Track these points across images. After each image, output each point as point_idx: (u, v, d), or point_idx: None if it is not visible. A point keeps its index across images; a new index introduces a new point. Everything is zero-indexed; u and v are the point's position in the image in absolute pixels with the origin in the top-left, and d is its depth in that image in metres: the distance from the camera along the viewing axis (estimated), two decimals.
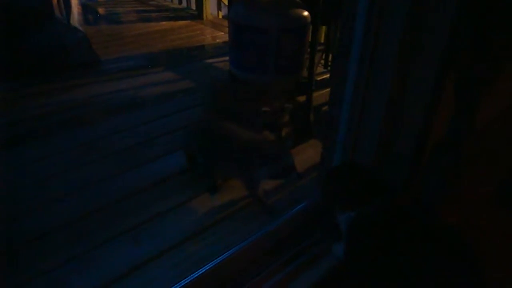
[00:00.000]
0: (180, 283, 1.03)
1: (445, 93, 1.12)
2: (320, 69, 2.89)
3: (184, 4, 4.85)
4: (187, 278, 1.04)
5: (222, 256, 1.13)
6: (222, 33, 3.87)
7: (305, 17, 1.84)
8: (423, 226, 1.02)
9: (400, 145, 1.22)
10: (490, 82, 1.12)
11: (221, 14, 4.56)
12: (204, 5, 4.24)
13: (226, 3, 3.89)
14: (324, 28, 2.95)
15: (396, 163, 1.26)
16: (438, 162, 1.24)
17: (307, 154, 1.94)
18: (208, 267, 1.09)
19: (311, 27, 1.90)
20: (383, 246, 0.97)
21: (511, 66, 1.15)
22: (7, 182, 1.72)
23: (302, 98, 2.26)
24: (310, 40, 1.96)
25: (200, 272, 1.07)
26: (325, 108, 2.36)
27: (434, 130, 1.18)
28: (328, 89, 2.53)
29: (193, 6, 4.58)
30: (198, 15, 4.37)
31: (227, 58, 2.57)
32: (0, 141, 2.02)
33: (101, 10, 4.54)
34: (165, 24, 4.12)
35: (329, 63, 2.88)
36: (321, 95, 2.48)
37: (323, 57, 2.85)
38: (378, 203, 1.02)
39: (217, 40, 3.71)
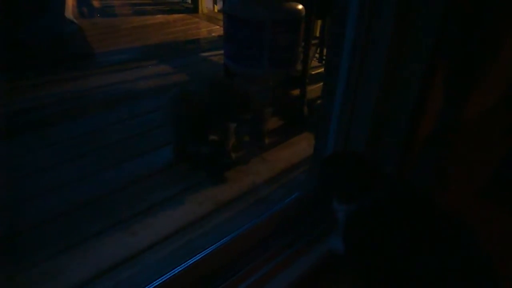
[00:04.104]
0: (174, 270, 1.04)
1: (435, 86, 1.14)
2: (314, 63, 2.90)
3: None
4: (181, 266, 1.06)
5: (216, 244, 1.15)
6: (218, 26, 3.86)
7: (299, 10, 1.86)
8: (424, 216, 1.02)
9: (391, 136, 1.24)
10: (478, 75, 1.15)
11: (216, 8, 4.55)
12: None
13: None
14: (319, 22, 2.96)
15: (387, 154, 1.28)
16: (428, 154, 1.26)
17: (300, 147, 1.96)
18: (202, 255, 1.10)
19: (305, 20, 1.91)
20: (386, 240, 0.98)
21: (501, 58, 1.17)
22: (3, 172, 1.73)
23: (296, 92, 2.27)
24: (304, 33, 1.97)
25: (194, 260, 1.09)
26: (319, 101, 2.38)
27: (425, 122, 1.20)
28: (322, 83, 2.56)
29: (189, 0, 4.57)
30: (193, 8, 4.36)
31: (222, 52, 2.57)
32: None
33: (96, 3, 4.51)
34: (160, 18, 4.12)
35: (324, 57, 2.89)
36: (315, 89, 2.50)
37: (318, 51, 2.87)
38: (377, 194, 1.02)
39: (213, 34, 3.70)
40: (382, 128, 1.25)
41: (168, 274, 1.03)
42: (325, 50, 2.86)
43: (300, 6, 1.86)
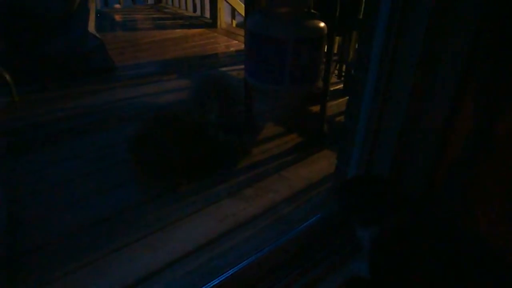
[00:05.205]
0: None
1: (465, 104, 1.11)
2: (333, 79, 2.89)
3: (198, 12, 4.90)
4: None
5: (235, 268, 1.14)
6: (236, 41, 3.90)
7: (321, 28, 1.85)
8: (450, 240, 1.00)
9: (417, 158, 1.22)
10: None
11: (234, 23, 4.60)
12: (218, 14, 4.29)
13: (241, 12, 3.93)
14: (338, 38, 2.96)
15: (413, 177, 1.25)
16: (456, 176, 1.23)
17: (320, 164, 1.94)
18: (222, 279, 1.09)
19: (327, 38, 1.91)
20: (412, 262, 0.95)
21: None
22: (19, 186, 1.74)
23: (316, 108, 2.26)
24: (325, 51, 1.97)
25: (214, 283, 1.07)
26: (338, 118, 2.36)
27: (453, 145, 1.17)
28: (341, 100, 2.55)
29: (207, 15, 4.63)
30: (212, 23, 4.41)
31: (240, 66, 2.59)
32: (14, 145, 2.04)
33: (117, 17, 4.60)
34: (179, 32, 4.17)
35: (343, 74, 2.88)
36: (334, 105, 2.49)
37: (337, 67, 2.86)
38: (401, 217, 1.00)
39: (231, 49, 3.73)
40: (409, 149, 1.23)
41: None
42: (344, 67, 2.85)
43: (322, 24, 1.86)
